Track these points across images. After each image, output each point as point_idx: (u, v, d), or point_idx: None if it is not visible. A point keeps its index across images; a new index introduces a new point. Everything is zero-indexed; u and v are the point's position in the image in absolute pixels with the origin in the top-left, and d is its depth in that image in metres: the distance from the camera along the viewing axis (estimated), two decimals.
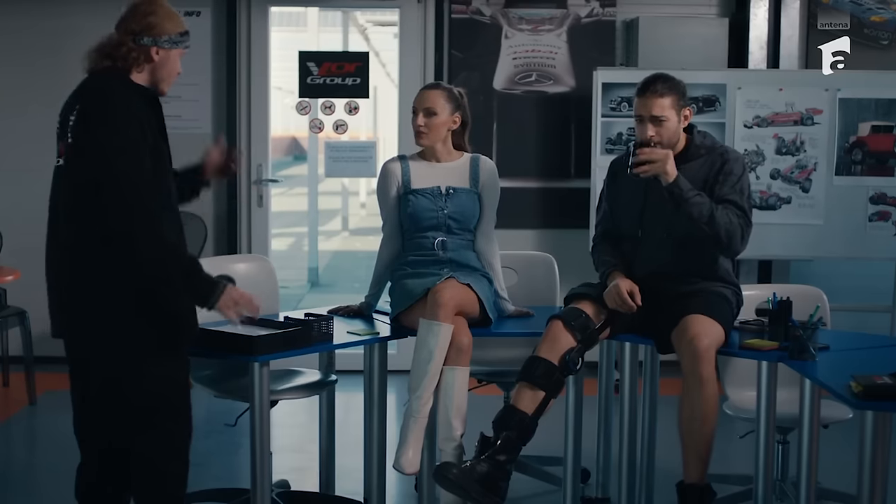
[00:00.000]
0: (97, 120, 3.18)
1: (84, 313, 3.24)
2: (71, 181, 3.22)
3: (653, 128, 3.98)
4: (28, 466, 5.21)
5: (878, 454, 3.24)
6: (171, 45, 3.35)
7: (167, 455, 3.36)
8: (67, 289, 3.26)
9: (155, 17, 3.33)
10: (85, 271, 3.21)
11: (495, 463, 3.77)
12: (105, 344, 3.25)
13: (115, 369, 3.27)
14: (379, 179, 4.37)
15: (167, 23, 3.35)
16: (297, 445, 5.34)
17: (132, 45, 3.30)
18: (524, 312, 4.34)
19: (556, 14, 6.79)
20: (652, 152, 3.89)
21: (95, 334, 3.25)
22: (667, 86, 4.00)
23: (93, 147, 3.16)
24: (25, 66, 6.75)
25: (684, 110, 4.02)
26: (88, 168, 3.16)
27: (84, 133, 3.19)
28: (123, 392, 3.28)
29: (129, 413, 3.30)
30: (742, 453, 4.75)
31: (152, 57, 3.33)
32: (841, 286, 6.15)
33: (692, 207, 3.86)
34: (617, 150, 6.14)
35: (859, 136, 6.17)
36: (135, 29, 3.32)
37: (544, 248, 5.85)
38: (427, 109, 4.25)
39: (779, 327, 3.79)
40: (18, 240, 6.46)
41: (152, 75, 3.36)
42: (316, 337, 3.87)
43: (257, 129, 6.84)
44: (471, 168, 4.32)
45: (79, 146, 3.20)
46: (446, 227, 4.24)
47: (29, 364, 6.00)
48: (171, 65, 3.38)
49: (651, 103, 3.98)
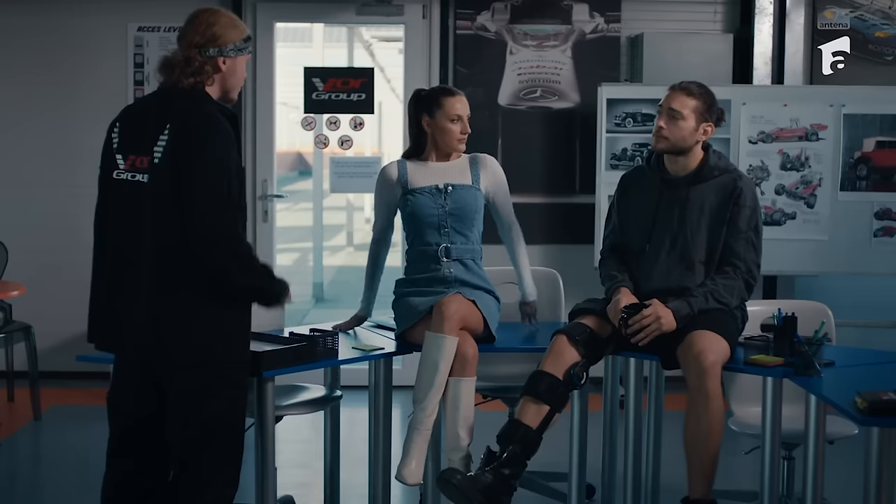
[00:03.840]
0: (197, 143, 3.15)
1: (180, 331, 3.20)
2: (165, 199, 3.17)
3: (665, 119, 3.98)
4: (33, 482, 5.20)
5: (883, 470, 3.22)
6: (236, 53, 3.32)
7: (221, 475, 3.33)
8: (157, 304, 3.19)
9: (218, 27, 3.29)
10: (178, 286, 3.18)
11: (500, 476, 3.77)
12: (193, 360, 3.23)
13: (198, 386, 3.24)
14: (377, 181, 4.39)
15: (230, 31, 3.31)
16: (302, 461, 5.34)
17: (199, 59, 3.26)
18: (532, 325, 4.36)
19: (560, 30, 6.81)
20: (641, 317, 3.86)
21: (187, 351, 3.22)
22: (699, 91, 4.01)
23: (186, 168, 3.14)
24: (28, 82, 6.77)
25: (705, 124, 4.00)
26: (191, 191, 3.14)
27: (181, 154, 3.15)
28: (199, 408, 3.26)
29: (197, 430, 3.27)
30: (747, 469, 4.75)
31: (220, 67, 3.29)
32: (846, 302, 6.15)
33: (707, 309, 3.88)
34: (622, 166, 6.15)
35: (864, 152, 6.17)
36: (199, 41, 3.28)
37: (549, 264, 5.85)
38: (468, 116, 4.30)
39: (784, 343, 3.79)
40: (24, 255, 6.48)
41: (222, 85, 3.33)
42: (321, 352, 3.88)
43: (262, 144, 6.86)
44: (471, 165, 4.34)
45: (172, 167, 3.16)
46: (447, 225, 4.24)
47: (34, 379, 6.00)
48: (239, 72, 3.35)
49: (675, 96, 3.99)
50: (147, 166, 3.20)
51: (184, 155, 3.16)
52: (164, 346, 3.23)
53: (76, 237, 6.59)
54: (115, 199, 3.27)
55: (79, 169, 6.69)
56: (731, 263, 3.97)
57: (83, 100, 6.73)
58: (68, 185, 6.70)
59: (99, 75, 6.74)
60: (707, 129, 4.02)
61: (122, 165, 3.24)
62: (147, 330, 3.21)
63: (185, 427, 3.28)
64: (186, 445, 3.30)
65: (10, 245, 6.32)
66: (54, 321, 6.51)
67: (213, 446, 3.30)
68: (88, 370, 4.09)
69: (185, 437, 3.29)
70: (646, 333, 3.85)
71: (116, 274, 3.26)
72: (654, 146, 4.06)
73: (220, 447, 3.32)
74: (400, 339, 4.19)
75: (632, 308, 3.89)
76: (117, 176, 3.24)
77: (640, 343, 3.86)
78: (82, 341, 3.46)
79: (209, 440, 3.30)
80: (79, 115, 6.71)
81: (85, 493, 4.53)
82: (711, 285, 3.93)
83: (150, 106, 3.30)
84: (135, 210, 3.22)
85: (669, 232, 4.02)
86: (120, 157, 3.25)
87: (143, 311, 3.20)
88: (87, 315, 3.35)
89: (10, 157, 6.79)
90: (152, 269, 3.19)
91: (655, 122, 4.02)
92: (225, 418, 3.31)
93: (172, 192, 3.16)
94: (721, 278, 3.95)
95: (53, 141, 6.78)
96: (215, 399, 3.27)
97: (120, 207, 3.26)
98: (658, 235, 4.04)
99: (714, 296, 3.91)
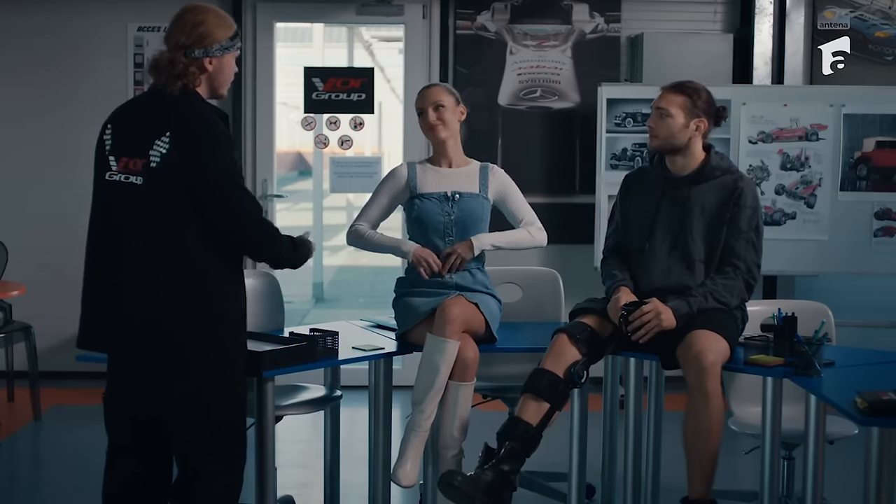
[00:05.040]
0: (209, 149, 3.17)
1: (175, 331, 3.18)
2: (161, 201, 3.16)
3: (654, 119, 4.03)
4: (33, 482, 5.20)
5: (883, 470, 3.23)
6: (223, 53, 3.29)
7: (228, 474, 3.33)
8: (152, 304, 3.17)
9: (205, 27, 3.25)
10: (171, 287, 3.16)
11: (499, 472, 3.77)
12: (193, 361, 3.22)
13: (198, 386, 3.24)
14: (386, 177, 4.39)
15: (217, 31, 3.27)
16: (302, 461, 5.34)
17: (184, 60, 3.22)
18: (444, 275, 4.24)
19: (560, 30, 6.81)
20: (641, 314, 3.86)
21: (183, 351, 3.21)
22: (688, 88, 4.04)
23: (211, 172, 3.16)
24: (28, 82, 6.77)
25: (696, 120, 4.01)
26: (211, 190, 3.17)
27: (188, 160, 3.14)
28: (201, 409, 3.25)
29: (202, 430, 3.27)
30: (747, 469, 4.75)
31: (206, 68, 3.26)
32: (846, 302, 6.15)
33: (707, 309, 3.88)
34: (622, 166, 6.16)
35: (864, 152, 6.17)
36: (184, 42, 3.25)
37: (549, 264, 5.84)
38: (434, 104, 4.27)
39: (784, 343, 3.79)
40: (24, 255, 6.48)
41: (210, 84, 3.31)
42: (321, 352, 3.88)
43: (262, 144, 6.85)
44: (480, 175, 4.34)
45: (176, 172, 3.14)
46: (452, 233, 4.24)
47: (34, 379, 6.00)
48: (227, 70, 3.33)
49: (663, 95, 4.04)
50: (141, 169, 3.17)
51: (193, 161, 3.15)
52: (158, 347, 3.21)
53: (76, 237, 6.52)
54: (106, 200, 3.26)
55: (78, 169, 6.65)
56: (732, 264, 3.97)
57: (83, 100, 6.72)
58: (68, 185, 6.70)
59: (99, 75, 6.74)
60: (699, 124, 4.02)
61: (114, 167, 3.22)
62: (141, 331, 3.20)
63: (189, 428, 3.27)
64: (193, 447, 3.29)
65: (10, 245, 6.32)
66: (54, 321, 6.50)
67: (220, 446, 3.30)
68: (88, 370, 4.08)
69: (191, 439, 3.29)
70: (646, 330, 3.85)
71: (108, 275, 3.24)
72: (649, 145, 4.12)
73: (225, 446, 3.32)
74: (400, 339, 4.19)
75: (632, 306, 3.89)
76: (109, 177, 3.23)
77: (640, 340, 3.86)
78: None
79: (215, 440, 3.29)
80: (79, 115, 6.70)
81: (85, 493, 4.53)
82: (711, 285, 3.93)
83: (142, 108, 3.28)
84: (126, 211, 3.20)
85: (670, 231, 4.03)
86: (112, 158, 3.23)
87: (137, 313, 3.18)
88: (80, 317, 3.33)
89: (10, 157, 6.79)
90: (145, 270, 3.17)
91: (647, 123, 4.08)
92: (227, 416, 3.31)
93: (177, 194, 3.15)
94: (721, 278, 3.95)
95: (53, 141, 6.78)
96: (216, 398, 3.27)
97: (112, 208, 3.24)
98: (659, 234, 4.05)
99: (714, 295, 3.91)
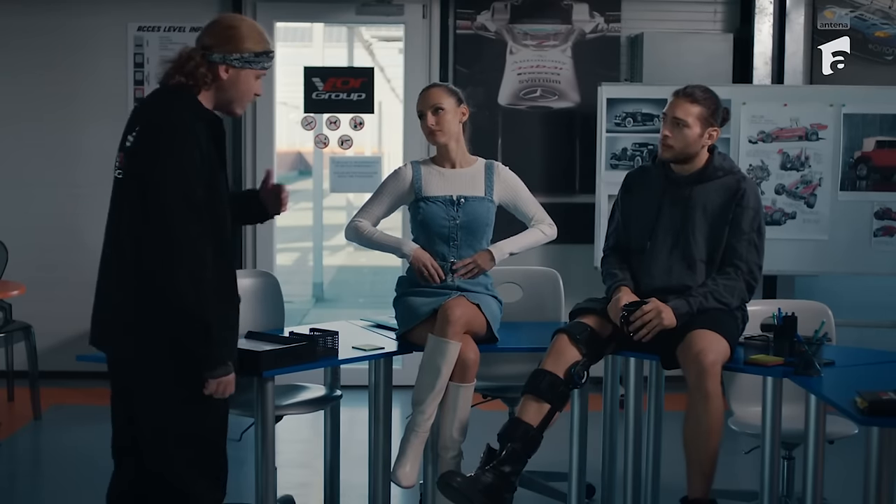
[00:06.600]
0: (153, 143, 3.01)
1: (137, 331, 3.05)
2: (127, 199, 3.07)
3: (669, 129, 3.98)
4: (33, 482, 5.20)
5: (883, 470, 3.23)
6: (241, 65, 3.13)
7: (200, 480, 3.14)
8: (124, 306, 3.07)
9: (233, 32, 3.13)
10: (139, 290, 3.03)
11: (500, 474, 3.77)
12: (156, 364, 3.06)
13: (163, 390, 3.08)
14: (390, 176, 4.36)
15: (245, 41, 3.13)
16: (302, 461, 5.34)
17: (200, 61, 3.08)
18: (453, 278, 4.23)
19: (560, 30, 6.81)
20: (642, 313, 3.86)
21: (147, 353, 3.06)
22: (703, 96, 4.01)
23: (146, 171, 3.00)
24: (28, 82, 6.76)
25: (711, 129, 4.00)
26: (143, 192, 3.00)
27: (139, 154, 3.03)
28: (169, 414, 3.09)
29: (170, 435, 3.10)
30: (747, 469, 4.75)
31: (219, 76, 3.12)
32: (846, 301, 6.15)
33: (707, 309, 3.88)
34: (622, 165, 6.16)
35: (864, 152, 6.17)
36: (208, 44, 3.12)
37: (549, 264, 5.84)
38: (434, 107, 4.23)
39: (784, 343, 3.79)
40: (24, 255, 6.48)
41: (219, 95, 3.15)
42: (321, 352, 3.88)
43: (262, 144, 6.85)
44: (485, 175, 4.32)
45: (133, 167, 3.05)
46: (457, 238, 4.23)
47: (34, 379, 6.00)
48: (244, 86, 3.16)
49: (679, 104, 3.99)
50: (122, 163, 3.12)
51: (142, 161, 3.03)
52: (130, 348, 3.09)
53: (76, 237, 6.61)
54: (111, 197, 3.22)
55: (78, 169, 6.70)
56: (733, 264, 3.97)
57: (83, 100, 6.72)
58: (68, 185, 6.71)
59: (98, 75, 6.74)
60: (713, 133, 4.01)
61: (116, 163, 3.18)
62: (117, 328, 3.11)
63: (143, 433, 3.11)
64: (148, 454, 3.12)
65: (10, 245, 6.32)
66: (54, 321, 6.52)
67: (178, 459, 3.10)
68: (88, 370, 4.09)
69: (145, 446, 3.12)
70: (648, 329, 3.85)
71: (101, 272, 3.19)
72: (661, 155, 4.05)
73: (186, 460, 3.11)
74: (400, 339, 4.19)
75: (632, 306, 3.89)
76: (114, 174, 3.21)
77: (642, 339, 3.86)
78: (82, 341, 3.45)
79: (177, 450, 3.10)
80: (78, 115, 6.71)
81: (85, 493, 4.54)
82: (712, 285, 3.93)
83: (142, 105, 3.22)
84: (114, 206, 3.16)
85: (671, 230, 4.02)
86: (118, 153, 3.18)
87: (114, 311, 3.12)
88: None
89: (10, 157, 6.79)
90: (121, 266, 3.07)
91: (661, 131, 4.02)
92: (188, 429, 3.10)
93: (139, 188, 3.02)
94: (722, 279, 3.95)
95: (53, 141, 6.78)
96: (177, 406, 3.08)
97: (110, 204, 3.20)
98: (660, 234, 4.04)
99: (714, 296, 3.91)
